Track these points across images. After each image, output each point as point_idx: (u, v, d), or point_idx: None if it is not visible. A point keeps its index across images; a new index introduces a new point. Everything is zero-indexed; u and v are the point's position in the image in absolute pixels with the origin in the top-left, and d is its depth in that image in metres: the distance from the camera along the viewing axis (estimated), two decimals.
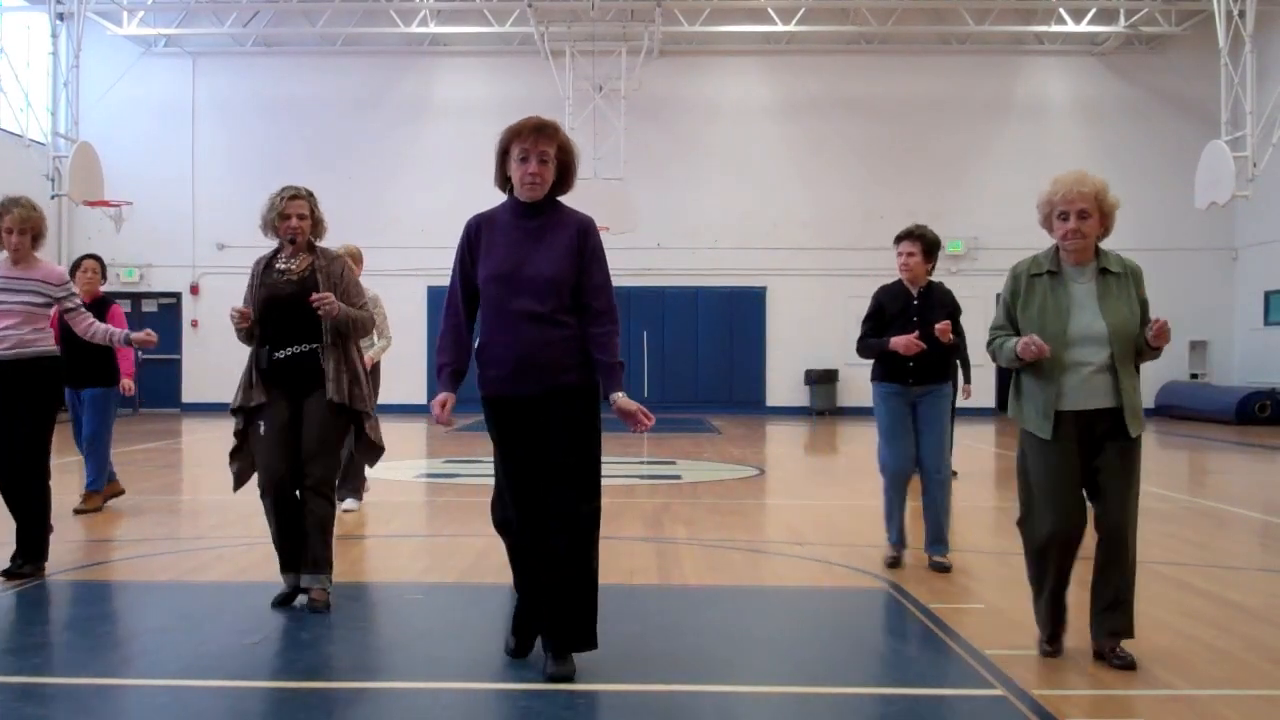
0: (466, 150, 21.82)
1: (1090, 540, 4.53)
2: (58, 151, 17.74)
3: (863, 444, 6.16)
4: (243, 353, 5.48)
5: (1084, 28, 22.01)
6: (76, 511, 8.32)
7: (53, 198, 18.12)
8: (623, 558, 6.83)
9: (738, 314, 23.08)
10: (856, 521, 8.49)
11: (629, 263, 22.34)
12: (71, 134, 17.94)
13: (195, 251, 23.21)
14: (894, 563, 6.50)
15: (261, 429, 5.37)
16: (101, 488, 8.54)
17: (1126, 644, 4.48)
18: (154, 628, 5.16)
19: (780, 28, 22.35)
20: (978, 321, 7.94)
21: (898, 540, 6.57)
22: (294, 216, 5.44)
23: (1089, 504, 4.53)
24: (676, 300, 22.97)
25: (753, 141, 22.99)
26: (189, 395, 23.19)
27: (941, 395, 6.43)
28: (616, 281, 4.47)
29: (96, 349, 8.15)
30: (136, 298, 23.33)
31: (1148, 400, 22.35)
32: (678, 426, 18.68)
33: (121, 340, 6.77)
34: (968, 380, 11.05)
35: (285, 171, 23.79)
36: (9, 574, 5.99)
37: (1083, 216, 4.45)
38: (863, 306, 6.77)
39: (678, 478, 11.54)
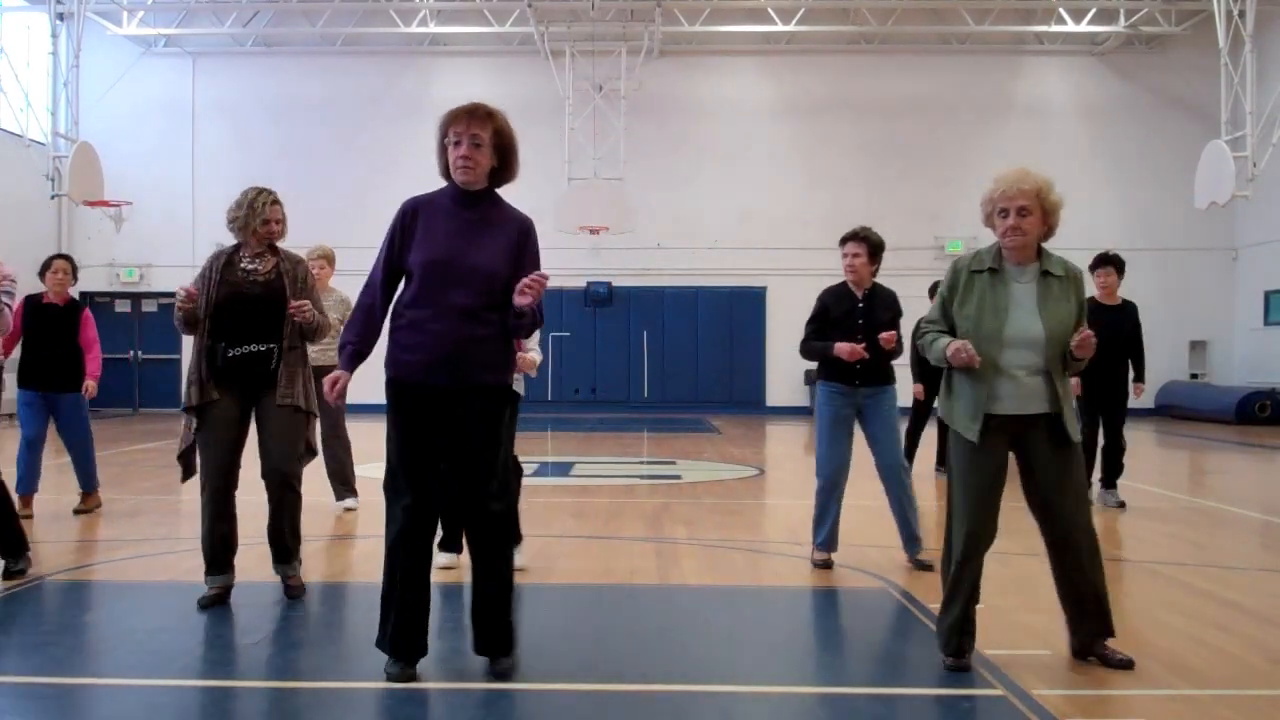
0: None
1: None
2: (58, 151, 17.74)
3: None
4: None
5: (1084, 28, 22.01)
6: (76, 512, 8.33)
7: (53, 198, 18.14)
8: (623, 558, 6.83)
9: (738, 314, 23.07)
10: (856, 521, 8.49)
11: (629, 263, 22.38)
12: (71, 134, 17.93)
13: (195, 251, 23.15)
14: (824, 564, 6.48)
15: (204, 426, 5.39)
16: (95, 487, 8.52)
17: (1115, 642, 4.48)
18: (154, 628, 5.16)
19: (780, 28, 22.35)
20: None
21: (825, 543, 6.52)
22: (273, 221, 5.56)
23: (1036, 511, 4.52)
24: (676, 300, 22.96)
25: (753, 141, 22.98)
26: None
27: (886, 396, 6.45)
28: (616, 281, 4.49)
29: (67, 352, 8.13)
30: (136, 298, 23.33)
31: (1148, 400, 22.36)
32: (678, 426, 18.68)
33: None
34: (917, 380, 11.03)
35: (285, 171, 23.88)
36: (8, 574, 6.01)
37: (1023, 214, 4.38)
38: None
39: (678, 478, 11.54)
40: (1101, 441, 9.06)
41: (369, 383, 4.83)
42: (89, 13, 19.31)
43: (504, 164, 4.32)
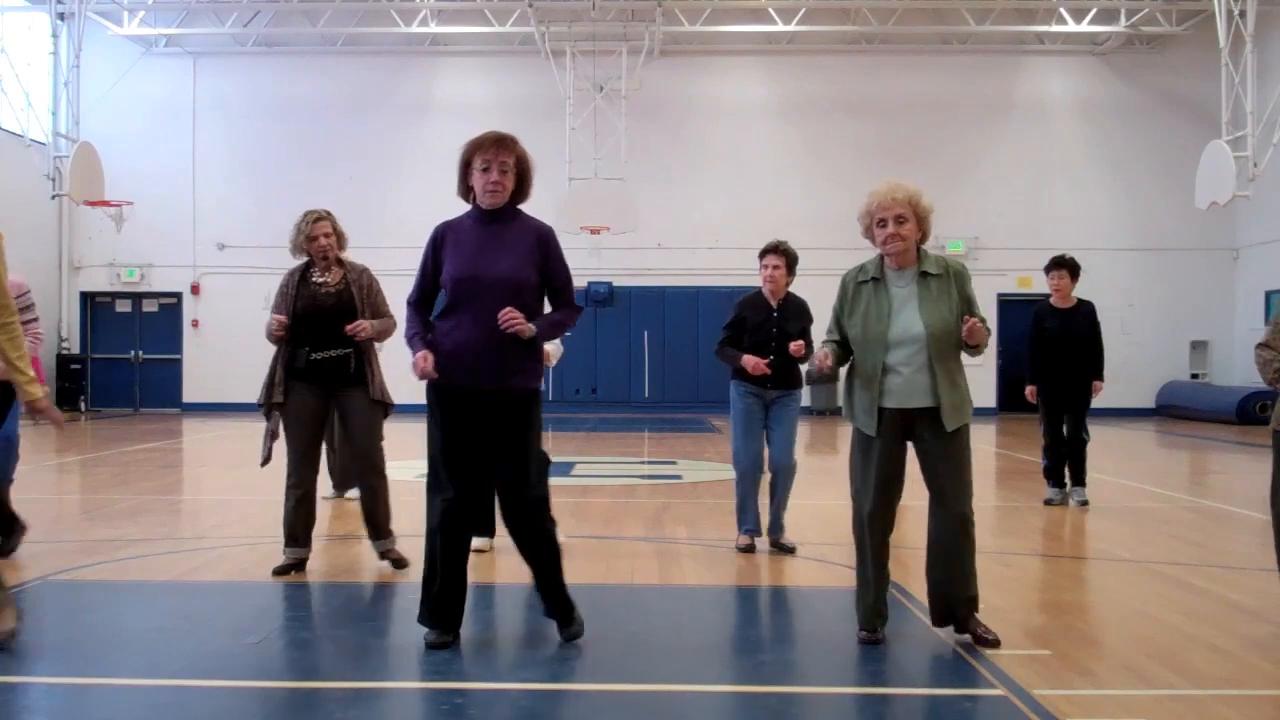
0: None
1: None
2: (58, 151, 17.74)
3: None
4: (240, 353, 5.79)
5: (1084, 28, 22.00)
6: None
7: (53, 198, 18.13)
8: (623, 558, 6.84)
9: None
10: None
11: (629, 263, 22.38)
12: (72, 134, 17.93)
13: (195, 251, 23.21)
14: (748, 549, 6.98)
15: (281, 421, 6.22)
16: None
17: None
18: (154, 628, 5.17)
19: (781, 28, 22.35)
20: None
21: (752, 528, 7.05)
22: (320, 236, 6.28)
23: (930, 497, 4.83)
24: (676, 300, 22.96)
25: (753, 141, 22.98)
26: (189, 395, 23.18)
27: (792, 399, 7.02)
28: (617, 281, 4.57)
29: None
30: (137, 298, 23.34)
31: (1148, 400, 22.37)
32: (678, 426, 18.68)
33: None
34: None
35: (285, 171, 23.92)
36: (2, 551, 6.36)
37: (900, 221, 4.69)
38: None
39: (678, 478, 11.54)
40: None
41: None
42: (89, 13, 19.31)
43: (521, 186, 4.76)
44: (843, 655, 4.88)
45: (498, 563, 6.51)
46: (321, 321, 6.14)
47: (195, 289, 23.31)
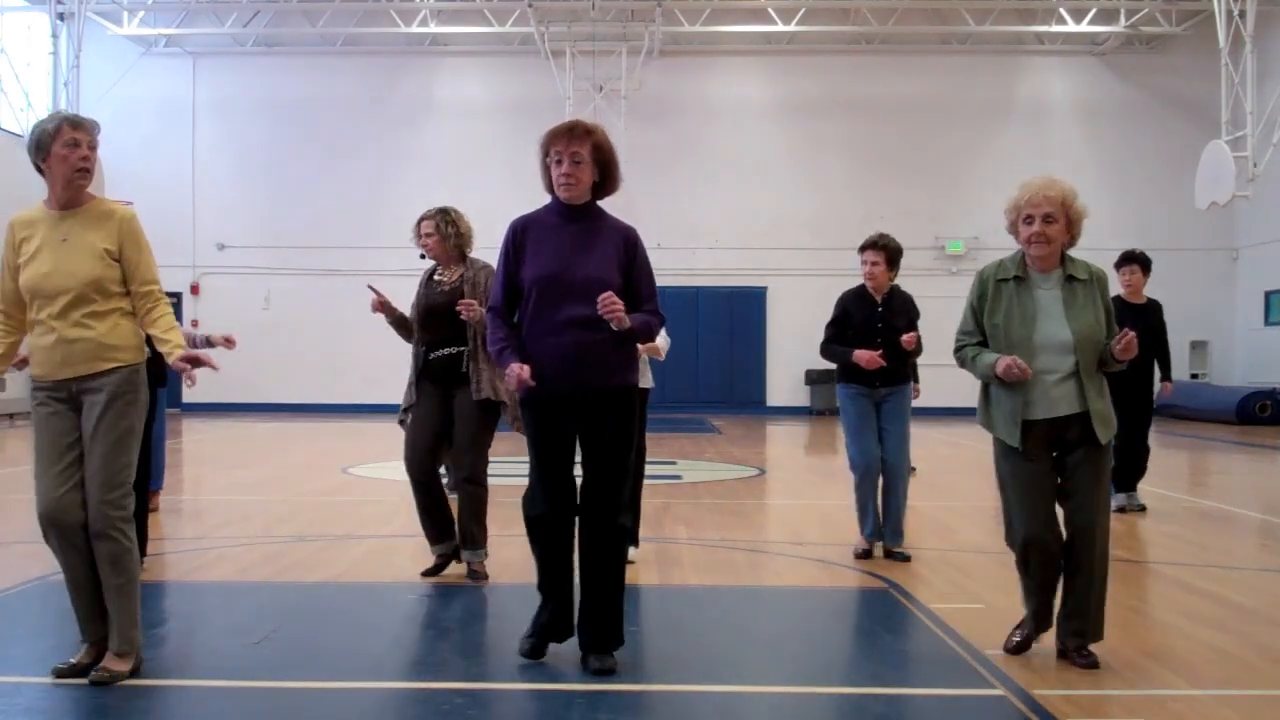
0: (467, 150, 21.84)
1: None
2: None
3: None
4: (240, 354, 5.87)
5: (1084, 28, 22.01)
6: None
7: None
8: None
9: (738, 314, 23.07)
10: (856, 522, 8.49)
11: None
12: None
13: (195, 251, 23.20)
14: (865, 554, 6.74)
15: (409, 419, 6.15)
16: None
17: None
18: (154, 628, 5.16)
19: (780, 28, 22.35)
20: None
21: (872, 534, 6.79)
22: (423, 236, 6.18)
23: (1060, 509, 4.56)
24: (676, 300, 22.91)
25: (753, 141, 22.98)
26: (189, 395, 23.11)
27: (903, 395, 6.76)
28: None
29: None
30: None
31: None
32: (678, 426, 18.68)
33: None
34: (916, 380, 11.23)
35: (285, 171, 23.88)
36: None
37: (1048, 221, 4.43)
38: None
39: (678, 478, 11.54)
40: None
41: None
42: (89, 13, 19.32)
43: (605, 177, 4.47)
44: (843, 655, 4.88)
45: (497, 565, 6.50)
46: (437, 320, 6.04)
47: (195, 289, 23.30)
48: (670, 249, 22.68)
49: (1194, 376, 22.63)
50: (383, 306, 6.15)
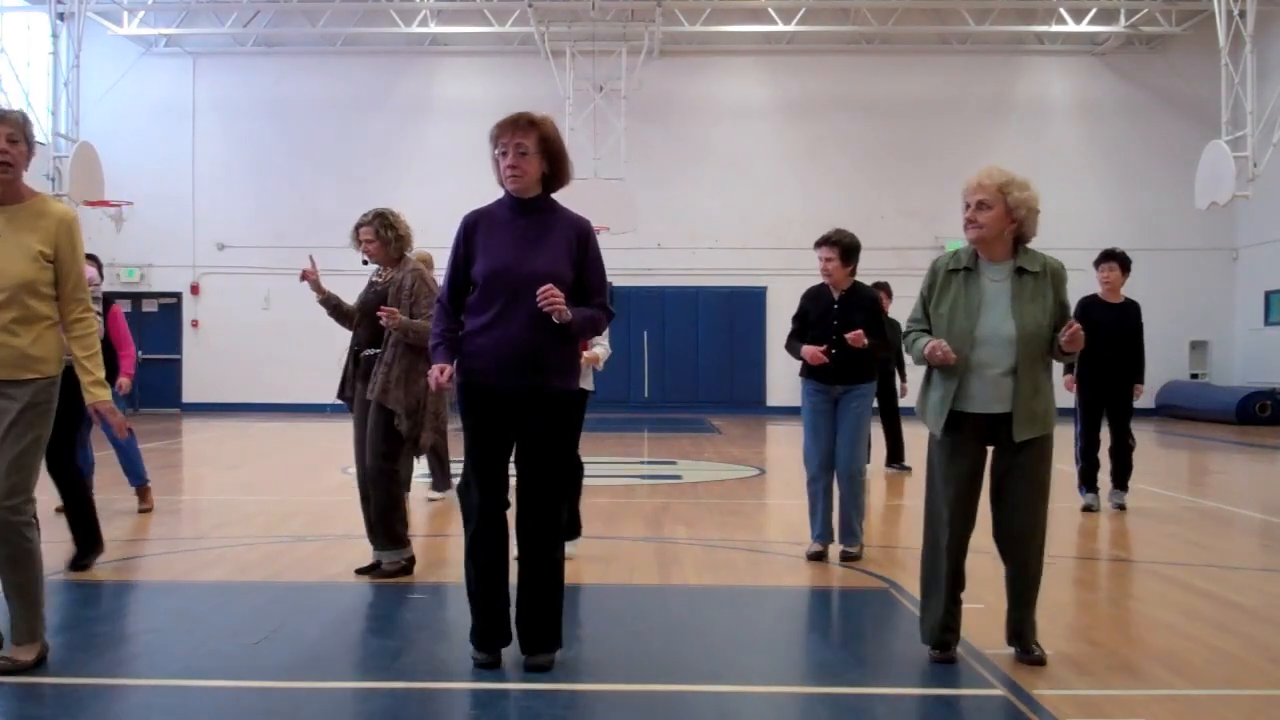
0: (467, 150, 21.70)
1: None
2: (58, 151, 17.73)
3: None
4: (240, 354, 5.97)
5: (1084, 28, 22.00)
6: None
7: (53, 197, 18.11)
8: (623, 558, 6.83)
9: (738, 314, 23.07)
10: None
11: (629, 263, 22.32)
12: (72, 134, 17.92)
13: (195, 251, 23.19)
14: (817, 556, 6.65)
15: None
16: (144, 482, 8.58)
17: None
18: (154, 628, 5.17)
19: (780, 28, 22.35)
20: None
21: (821, 535, 6.71)
22: (363, 240, 6.29)
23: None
24: (676, 300, 22.96)
25: (753, 141, 22.97)
26: (189, 395, 23.17)
27: (860, 394, 6.64)
28: (617, 281, 4.51)
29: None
30: (136, 298, 23.31)
31: (1148, 400, 22.28)
32: (678, 426, 18.67)
33: None
34: (903, 379, 11.41)
35: (285, 171, 23.90)
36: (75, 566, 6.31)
37: (981, 207, 4.38)
38: None
39: (678, 478, 11.54)
40: (1108, 442, 8.93)
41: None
42: (89, 13, 19.29)
43: (555, 168, 4.44)
44: (843, 655, 4.88)
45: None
46: (368, 321, 6.17)
47: (195, 289, 23.30)
48: (670, 249, 22.70)
49: (1194, 376, 22.63)
50: (311, 279, 6.22)
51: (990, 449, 4.47)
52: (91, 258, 8.40)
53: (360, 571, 6.23)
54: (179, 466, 13.34)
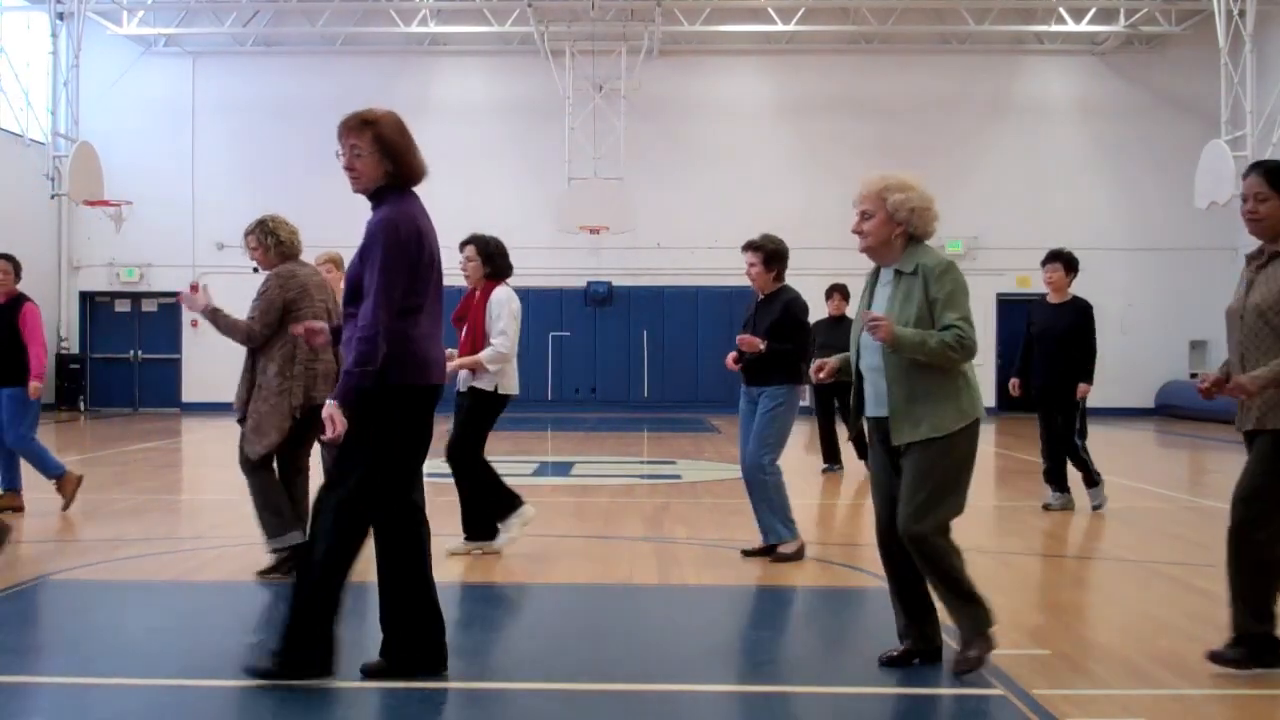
0: (466, 150, 21.81)
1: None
2: (58, 151, 17.74)
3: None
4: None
5: (1084, 27, 22.00)
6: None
7: (53, 197, 18.13)
8: (623, 558, 6.83)
9: (738, 314, 22.93)
10: (856, 521, 8.51)
11: (628, 262, 22.36)
12: (71, 134, 17.93)
13: (195, 251, 23.18)
14: (752, 553, 6.70)
15: None
16: (17, 486, 8.21)
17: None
18: (154, 628, 5.16)
19: (780, 28, 22.34)
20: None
21: (763, 535, 6.75)
22: (250, 249, 6.59)
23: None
24: (676, 300, 22.95)
25: (752, 141, 22.96)
26: (189, 395, 23.16)
27: (768, 397, 6.63)
28: (615, 281, 4.50)
29: (6, 348, 8.02)
30: (136, 298, 23.32)
31: (1148, 400, 22.36)
32: (678, 426, 18.67)
33: None
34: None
35: (285, 171, 23.87)
36: None
37: (864, 217, 4.42)
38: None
39: (678, 478, 11.54)
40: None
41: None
42: (89, 12, 19.31)
43: (399, 164, 4.25)
44: (842, 655, 4.88)
45: (496, 565, 6.50)
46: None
47: (194, 289, 23.29)
48: (669, 249, 22.68)
49: (1193, 376, 22.61)
50: (192, 295, 6.45)
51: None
52: (5, 257, 8.16)
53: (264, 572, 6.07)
54: (179, 466, 13.34)
